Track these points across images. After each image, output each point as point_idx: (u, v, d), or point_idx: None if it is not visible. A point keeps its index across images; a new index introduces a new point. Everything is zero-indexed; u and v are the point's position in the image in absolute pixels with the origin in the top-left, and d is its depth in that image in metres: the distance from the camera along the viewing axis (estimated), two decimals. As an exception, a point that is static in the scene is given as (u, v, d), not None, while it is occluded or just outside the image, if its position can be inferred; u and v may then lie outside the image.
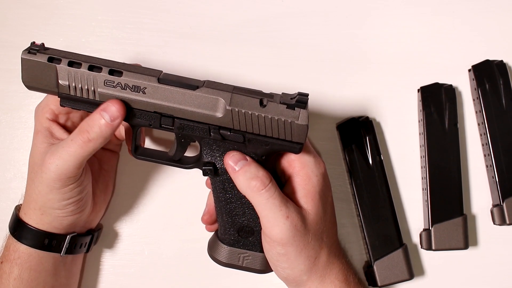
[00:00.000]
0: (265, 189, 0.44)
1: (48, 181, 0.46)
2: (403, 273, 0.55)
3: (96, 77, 0.44)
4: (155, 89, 0.45)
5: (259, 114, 0.45)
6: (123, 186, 0.58)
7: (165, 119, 0.46)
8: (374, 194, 0.56)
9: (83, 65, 0.44)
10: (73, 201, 0.48)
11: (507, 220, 0.56)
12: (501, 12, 0.61)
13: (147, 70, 0.46)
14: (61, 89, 0.45)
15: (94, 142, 0.45)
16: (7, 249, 0.49)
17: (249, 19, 0.60)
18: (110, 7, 0.60)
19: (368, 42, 0.60)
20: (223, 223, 0.49)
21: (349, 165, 0.57)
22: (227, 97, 0.44)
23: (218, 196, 0.48)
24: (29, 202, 0.49)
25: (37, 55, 0.44)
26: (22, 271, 0.48)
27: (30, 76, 0.44)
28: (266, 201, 0.44)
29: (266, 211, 0.45)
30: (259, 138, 0.46)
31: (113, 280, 0.58)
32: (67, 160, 0.45)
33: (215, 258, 0.51)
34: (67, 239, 0.50)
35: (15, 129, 0.59)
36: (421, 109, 0.58)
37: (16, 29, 0.59)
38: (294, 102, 0.45)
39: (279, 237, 0.45)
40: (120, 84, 0.44)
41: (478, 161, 0.60)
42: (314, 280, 0.47)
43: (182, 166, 0.49)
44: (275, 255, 0.46)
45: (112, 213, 0.58)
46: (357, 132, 0.57)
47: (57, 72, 0.44)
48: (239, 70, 0.59)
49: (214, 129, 0.46)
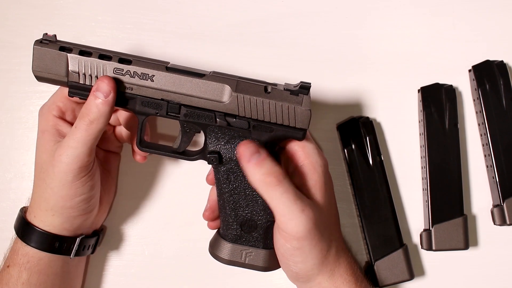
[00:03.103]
0: (280, 184, 0.44)
1: (60, 175, 0.46)
2: (403, 273, 0.55)
3: (106, 65, 0.46)
4: (163, 76, 0.46)
5: (263, 100, 0.46)
6: (124, 186, 0.58)
7: (172, 107, 0.47)
8: (374, 194, 0.56)
9: (93, 54, 0.46)
10: (85, 198, 0.48)
11: (508, 220, 0.56)
12: (501, 12, 0.61)
13: (156, 60, 0.47)
14: (70, 78, 0.46)
15: (97, 122, 0.45)
16: (16, 253, 0.49)
17: (249, 19, 0.60)
18: (110, 7, 0.60)
19: (368, 42, 0.60)
20: (225, 217, 0.49)
21: (349, 165, 0.57)
22: (233, 83, 0.46)
23: (221, 187, 0.48)
24: (39, 203, 0.48)
25: (49, 44, 0.46)
26: (31, 275, 0.48)
27: (40, 65, 0.46)
28: (280, 196, 0.44)
29: (281, 206, 0.44)
30: (264, 125, 0.47)
31: (114, 280, 0.58)
32: (76, 147, 0.45)
33: (217, 256, 0.50)
34: (77, 241, 0.50)
35: (15, 129, 0.59)
36: (421, 109, 0.58)
37: (16, 29, 0.59)
38: (298, 89, 0.46)
39: (295, 231, 0.44)
40: (129, 71, 0.46)
41: (478, 161, 0.60)
42: (325, 274, 0.47)
43: (187, 158, 0.50)
44: (289, 250, 0.46)
45: (113, 214, 0.58)
46: (357, 132, 0.57)
47: (67, 60, 0.46)
48: (239, 70, 0.59)
49: (220, 115, 0.47)
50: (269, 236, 0.49)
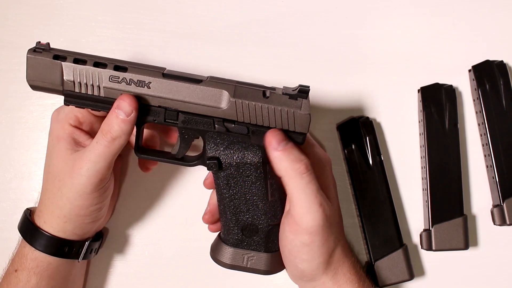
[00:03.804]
0: (307, 173, 0.44)
1: (79, 187, 0.46)
2: (403, 273, 0.55)
3: (101, 73, 0.45)
4: (160, 83, 0.45)
5: (262, 105, 0.45)
6: (124, 187, 0.58)
7: (170, 113, 0.46)
8: (374, 194, 0.56)
9: (88, 62, 0.45)
10: (99, 207, 0.49)
11: (507, 220, 0.56)
12: (501, 12, 0.61)
13: (152, 66, 0.46)
14: (66, 86, 0.45)
15: (118, 140, 0.45)
16: (24, 257, 0.49)
17: (249, 19, 0.60)
18: (110, 7, 0.60)
19: (368, 42, 0.60)
20: (226, 222, 0.49)
21: (349, 165, 0.57)
22: (231, 89, 0.46)
23: (221, 193, 0.48)
24: (52, 210, 0.48)
25: (43, 53, 0.45)
26: (40, 279, 0.48)
27: (35, 74, 0.45)
28: (305, 186, 0.44)
29: (302, 196, 0.44)
30: (263, 129, 0.46)
31: (114, 280, 0.58)
32: (97, 162, 0.46)
33: (218, 261, 0.50)
34: (86, 245, 0.51)
35: (15, 129, 0.59)
36: (421, 110, 0.58)
37: (16, 29, 0.59)
38: (296, 93, 0.46)
39: (309, 224, 0.44)
40: (125, 79, 0.45)
41: (478, 162, 0.60)
42: (329, 273, 0.47)
43: (186, 164, 0.49)
44: (298, 245, 0.45)
45: (113, 214, 0.58)
46: (357, 132, 0.57)
47: (62, 69, 0.45)
48: (239, 70, 0.59)
49: (219, 121, 0.46)
50: (271, 239, 0.49)
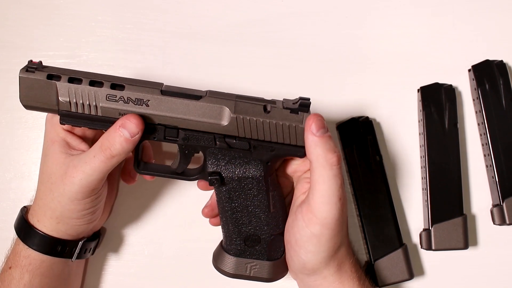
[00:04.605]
0: (337, 166, 0.44)
1: (70, 193, 0.46)
2: (403, 273, 0.56)
3: (98, 92, 0.44)
4: (159, 101, 0.44)
5: (263, 120, 0.45)
6: (124, 187, 0.58)
7: (170, 131, 0.45)
8: (374, 194, 0.56)
9: (83, 80, 0.44)
10: (92, 211, 0.49)
11: (507, 220, 0.56)
12: (501, 12, 0.61)
13: (149, 83, 0.45)
14: (61, 107, 0.44)
15: (118, 157, 0.45)
16: (18, 255, 0.49)
17: (249, 19, 0.60)
18: (110, 7, 0.60)
19: (368, 42, 0.60)
20: (228, 233, 0.49)
21: (349, 165, 0.57)
22: (231, 105, 0.45)
23: (223, 206, 0.48)
24: (45, 211, 0.48)
25: (36, 73, 0.43)
26: (33, 277, 0.48)
27: (28, 94, 0.44)
28: (332, 177, 0.44)
29: (326, 187, 0.44)
30: (264, 144, 0.46)
31: (114, 280, 0.58)
32: (91, 174, 0.45)
33: (221, 270, 0.50)
34: (79, 245, 0.51)
35: (15, 129, 0.59)
36: (421, 109, 0.58)
37: (16, 29, 0.59)
38: (297, 107, 0.45)
39: (324, 216, 0.44)
40: (122, 98, 0.44)
41: (478, 161, 0.60)
42: (331, 269, 0.47)
43: (186, 178, 0.49)
44: (308, 234, 0.45)
45: (113, 214, 0.58)
46: (357, 132, 0.57)
47: (57, 89, 0.43)
48: (239, 70, 0.59)
49: (220, 137, 0.45)
50: (273, 248, 0.49)
